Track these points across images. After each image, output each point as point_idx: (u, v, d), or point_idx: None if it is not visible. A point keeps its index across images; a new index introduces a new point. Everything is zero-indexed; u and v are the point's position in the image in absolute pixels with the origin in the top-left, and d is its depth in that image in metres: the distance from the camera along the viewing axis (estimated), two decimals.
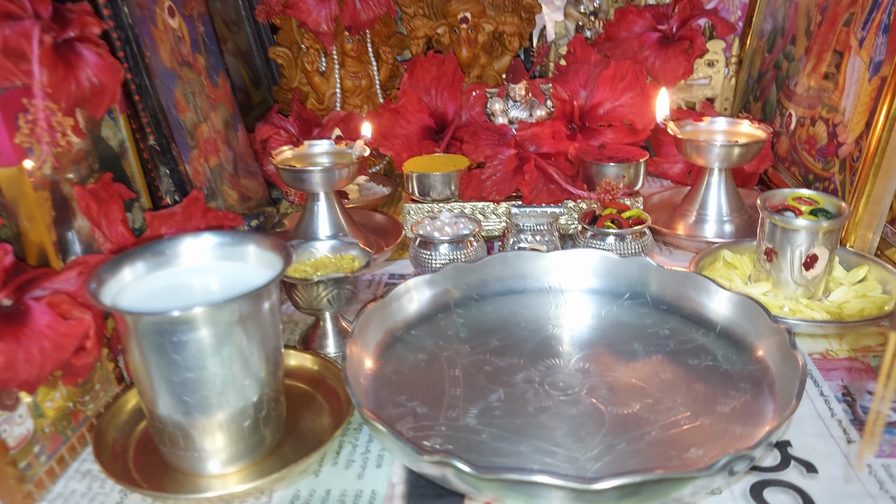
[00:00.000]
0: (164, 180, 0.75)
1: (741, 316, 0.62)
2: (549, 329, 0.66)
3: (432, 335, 0.65)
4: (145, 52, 0.71)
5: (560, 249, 0.78)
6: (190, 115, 0.78)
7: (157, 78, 0.72)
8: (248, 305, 0.48)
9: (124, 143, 0.71)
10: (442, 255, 0.76)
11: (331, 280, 0.62)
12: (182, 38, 0.80)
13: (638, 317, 0.67)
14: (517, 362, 0.61)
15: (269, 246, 0.54)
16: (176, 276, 0.53)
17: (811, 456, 0.52)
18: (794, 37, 0.98)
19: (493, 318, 0.68)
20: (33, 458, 0.50)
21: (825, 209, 0.69)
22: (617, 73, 0.95)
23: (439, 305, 0.68)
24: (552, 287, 0.71)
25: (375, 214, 0.92)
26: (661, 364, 0.60)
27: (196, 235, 0.55)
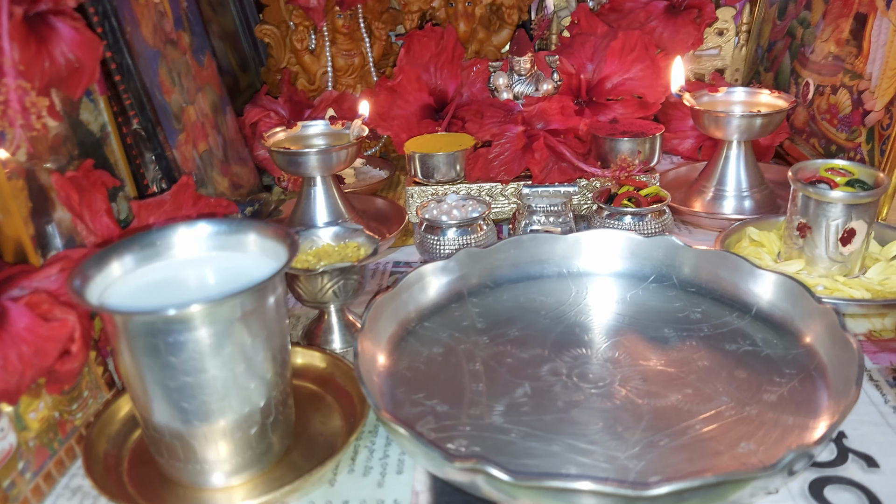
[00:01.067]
0: (149, 167, 0.70)
1: (780, 297, 0.58)
2: (571, 316, 0.61)
3: (447, 326, 0.60)
4: (126, 28, 0.65)
5: (575, 231, 0.74)
6: (176, 97, 0.73)
7: (139, 56, 0.67)
8: (251, 301, 0.43)
9: (106, 128, 0.65)
10: (450, 241, 0.71)
11: (336, 270, 0.57)
12: (165, 13, 0.74)
13: (666, 300, 0.63)
14: (541, 353, 0.56)
15: (272, 234, 0.49)
16: (169, 269, 0.48)
17: (870, 448, 0.48)
18: (809, 2, 0.93)
19: (510, 306, 0.63)
20: (17, 476, 0.45)
21: (861, 180, 0.65)
22: (625, 45, 0.90)
23: (452, 294, 0.64)
24: (571, 271, 0.66)
25: (375, 199, 0.87)
26: (695, 350, 0.56)
27: (190, 224, 0.50)
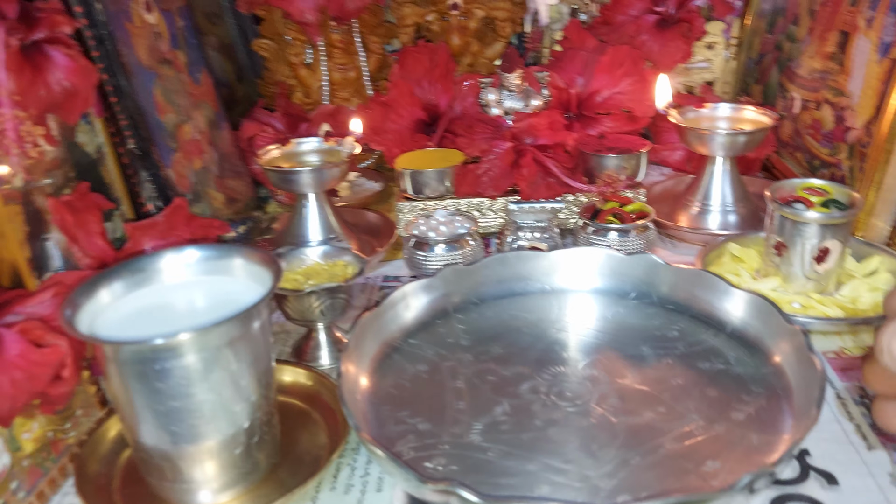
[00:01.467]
0: (145, 186, 0.72)
1: (753, 315, 0.60)
2: (553, 333, 0.63)
3: (432, 343, 0.62)
4: (121, 51, 0.67)
5: (561, 246, 0.75)
6: (171, 116, 0.75)
7: (134, 77, 0.68)
8: (237, 327, 0.45)
9: (102, 149, 0.67)
10: (438, 256, 0.73)
11: (323, 290, 0.59)
12: (160, 34, 0.76)
13: (645, 318, 0.64)
14: (522, 371, 0.58)
15: (258, 259, 0.51)
16: (157, 294, 0.50)
17: (830, 466, 0.50)
18: (796, 16, 0.94)
19: (494, 323, 0.65)
20: (10, 496, 0.47)
21: (837, 200, 0.66)
22: (615, 59, 0.92)
23: (438, 311, 0.65)
24: (554, 288, 0.68)
25: (367, 213, 0.89)
26: (671, 368, 0.58)
27: (178, 250, 0.52)
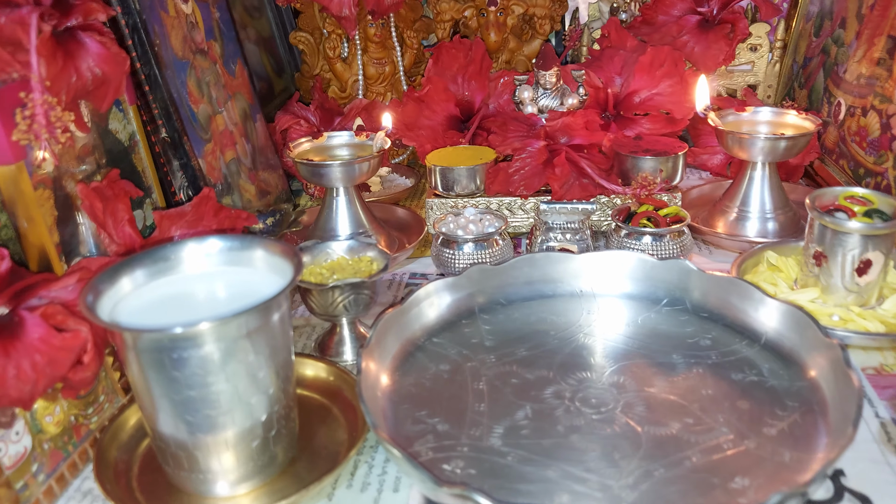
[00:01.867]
0: (177, 175, 0.72)
1: (789, 327, 0.58)
2: (580, 338, 0.62)
3: (456, 343, 0.61)
4: (154, 41, 0.67)
5: (592, 249, 0.74)
6: (204, 107, 0.75)
7: (167, 67, 0.68)
8: (256, 318, 0.44)
9: (134, 136, 0.67)
10: (466, 255, 0.72)
11: (347, 285, 0.59)
12: (195, 24, 0.76)
13: (677, 325, 0.62)
14: (546, 375, 0.57)
15: (279, 251, 0.50)
16: (179, 284, 0.50)
17: (866, 487, 0.48)
18: (843, 19, 0.91)
19: (520, 324, 0.64)
20: (30, 478, 0.47)
21: (880, 210, 0.64)
22: (654, 60, 0.90)
23: (463, 311, 0.64)
24: (584, 291, 0.67)
25: (397, 209, 0.88)
26: (702, 378, 0.56)
27: (200, 240, 0.51)
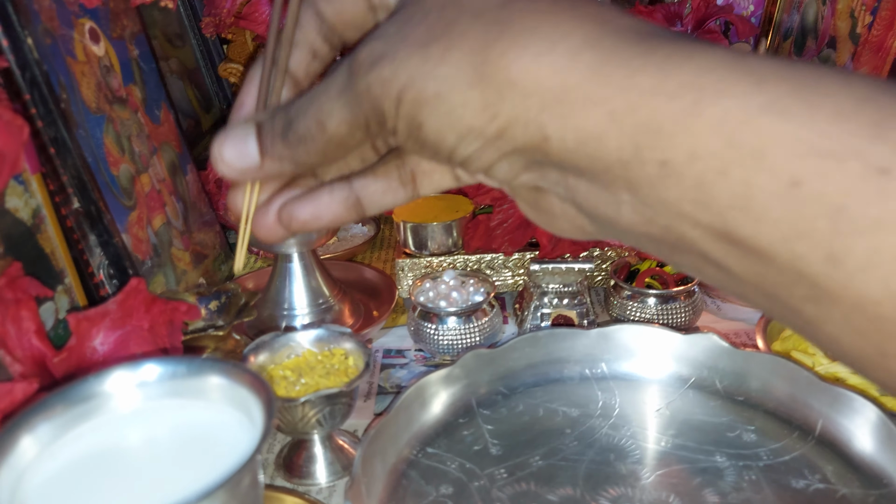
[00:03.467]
0: (94, 252, 0.59)
1: (847, 416, 0.49)
2: (602, 436, 0.51)
3: (455, 453, 0.50)
4: (60, 95, 0.54)
5: (593, 315, 0.64)
6: (126, 167, 0.62)
7: (78, 126, 0.56)
8: (223, 496, 0.33)
9: (40, 212, 0.54)
10: (450, 329, 0.61)
11: (321, 398, 0.47)
12: (111, 67, 0.63)
13: (711, 412, 0.53)
14: (573, 494, 0.47)
15: (240, 379, 0.38)
16: (107, 432, 0.38)
17: None
18: (833, 39, 0.84)
19: (527, 420, 0.53)
20: None
21: None
22: None
23: (459, 408, 0.54)
24: (596, 373, 0.57)
25: (362, 268, 0.77)
26: (757, 488, 0.47)
27: (132, 366, 0.39)
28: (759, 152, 0.20)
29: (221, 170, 0.31)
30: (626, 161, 0.22)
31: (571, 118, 0.23)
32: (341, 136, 0.28)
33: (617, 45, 0.23)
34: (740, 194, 0.21)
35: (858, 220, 0.20)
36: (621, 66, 0.22)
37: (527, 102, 0.23)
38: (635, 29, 0.23)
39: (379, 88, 0.26)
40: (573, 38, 0.23)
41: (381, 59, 0.26)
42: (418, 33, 0.25)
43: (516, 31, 0.24)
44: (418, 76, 0.25)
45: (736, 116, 0.21)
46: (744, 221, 0.21)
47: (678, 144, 0.21)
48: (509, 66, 0.23)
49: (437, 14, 0.25)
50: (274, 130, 0.30)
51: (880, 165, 0.19)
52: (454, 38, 0.25)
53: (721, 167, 0.21)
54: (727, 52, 0.22)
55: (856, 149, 0.20)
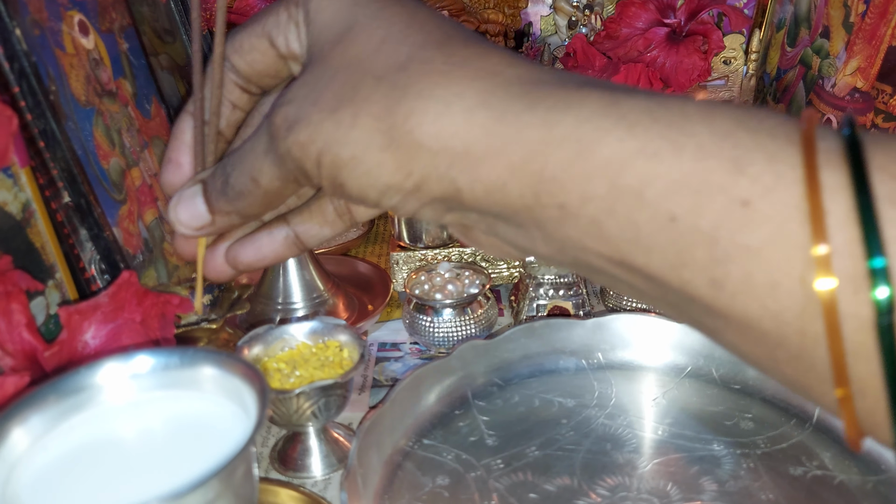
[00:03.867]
0: (85, 246, 0.58)
1: None
2: (599, 426, 0.51)
3: (451, 444, 0.50)
4: (49, 87, 0.53)
5: (588, 306, 0.64)
6: (116, 161, 0.61)
7: (67, 118, 0.55)
8: (219, 484, 0.32)
9: (29, 206, 0.54)
10: (446, 322, 0.61)
11: (316, 390, 0.47)
12: (100, 61, 0.63)
13: (707, 401, 0.53)
14: (570, 483, 0.46)
15: (233, 369, 0.38)
16: (99, 424, 0.37)
17: None
18: (826, 29, 0.84)
19: (523, 412, 0.53)
20: None
21: None
22: (628, 79, 0.81)
23: (455, 400, 0.53)
24: (592, 363, 0.57)
25: (356, 262, 0.76)
26: (755, 476, 0.46)
27: (124, 358, 0.39)
28: (638, 193, 0.23)
29: (181, 231, 0.33)
30: (530, 206, 0.25)
31: (476, 172, 0.25)
32: (275, 189, 0.30)
33: (506, 102, 0.25)
34: (629, 230, 0.23)
35: (730, 249, 0.22)
36: (512, 123, 0.25)
37: (435, 161, 0.26)
38: (522, 80, 0.25)
39: (299, 152, 0.28)
40: (467, 98, 0.25)
41: (297, 124, 0.28)
42: (327, 97, 0.27)
43: (415, 94, 0.26)
44: (333, 141, 0.27)
45: (614, 162, 0.23)
46: (636, 253, 0.24)
47: (570, 190, 0.24)
48: (413, 129, 0.26)
49: (343, 77, 0.27)
50: (216, 189, 0.32)
51: (742, 198, 0.21)
52: (360, 103, 0.27)
53: (609, 208, 0.23)
54: (601, 98, 0.24)
55: (719, 184, 0.22)
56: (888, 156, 0.21)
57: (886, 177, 0.20)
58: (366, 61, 0.27)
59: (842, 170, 0.21)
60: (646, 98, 0.24)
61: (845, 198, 0.20)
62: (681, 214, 0.22)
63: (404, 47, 0.27)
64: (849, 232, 0.20)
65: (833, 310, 0.20)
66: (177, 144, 0.34)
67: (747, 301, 0.22)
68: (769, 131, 0.22)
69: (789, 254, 0.21)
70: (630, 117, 0.23)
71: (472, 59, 0.26)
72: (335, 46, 0.28)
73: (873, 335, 0.20)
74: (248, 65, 0.32)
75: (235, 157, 0.31)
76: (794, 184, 0.21)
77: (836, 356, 0.21)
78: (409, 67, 0.26)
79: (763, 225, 0.21)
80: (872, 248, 0.20)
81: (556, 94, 0.25)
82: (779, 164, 0.21)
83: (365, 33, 0.28)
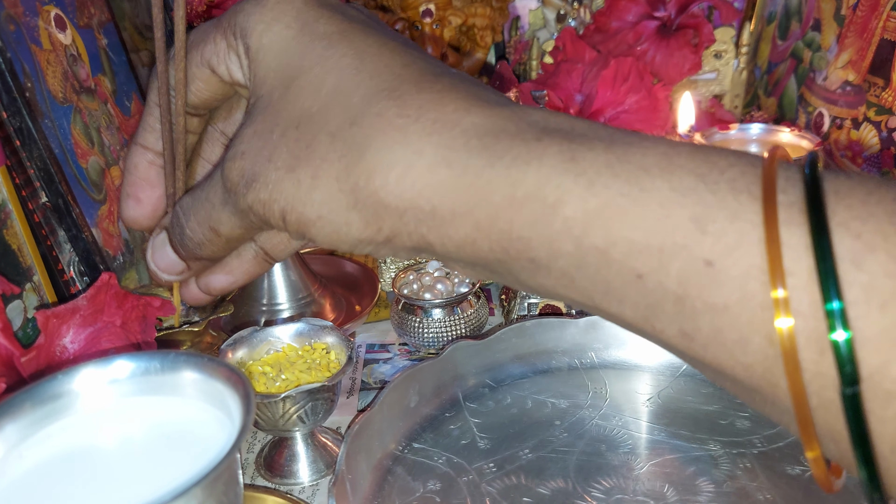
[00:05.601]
0: (64, 248, 0.57)
1: None
2: (593, 427, 0.50)
3: (442, 447, 0.49)
4: (25, 84, 0.52)
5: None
6: (95, 159, 0.60)
7: (44, 116, 0.53)
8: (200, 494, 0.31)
9: (6, 206, 0.52)
10: (435, 322, 0.60)
11: (302, 393, 0.45)
12: (78, 56, 0.61)
13: (702, 400, 0.52)
14: (565, 486, 0.45)
15: (216, 373, 0.37)
16: (77, 432, 0.36)
17: None
18: (817, 21, 0.84)
19: (515, 414, 0.52)
20: None
21: None
22: (618, 73, 0.80)
23: (445, 402, 0.52)
24: (585, 363, 0.56)
25: (341, 262, 0.75)
26: (752, 475, 0.45)
27: (102, 363, 0.37)
28: (603, 253, 0.23)
29: (164, 279, 0.34)
30: (502, 259, 0.25)
31: (444, 230, 0.25)
32: (237, 236, 0.30)
33: (466, 158, 0.24)
34: (599, 283, 0.24)
35: (697, 306, 0.22)
36: (474, 182, 0.24)
37: (403, 219, 0.25)
38: (480, 131, 0.25)
39: (261, 209, 0.27)
40: (426, 156, 0.25)
41: (254, 182, 0.27)
42: (282, 154, 0.27)
43: (373, 154, 0.25)
44: (296, 201, 0.26)
45: (578, 222, 0.23)
46: (608, 302, 0.24)
47: (537, 247, 0.24)
48: (377, 191, 0.25)
49: (294, 133, 0.27)
50: (177, 240, 0.32)
51: (705, 258, 0.21)
52: (318, 163, 0.26)
53: (578, 263, 0.24)
54: (559, 153, 0.24)
55: (682, 243, 0.22)
56: (850, 210, 0.21)
57: (847, 235, 0.20)
58: (317, 115, 0.27)
59: (803, 228, 0.21)
60: (604, 150, 0.24)
61: (806, 258, 0.20)
62: (647, 273, 0.22)
63: (355, 98, 0.26)
64: (811, 293, 0.20)
65: (796, 373, 0.20)
66: (133, 180, 0.34)
67: (718, 353, 0.22)
68: (730, 184, 0.22)
69: (755, 314, 0.21)
70: (589, 174, 0.23)
71: (427, 108, 0.25)
72: (284, 95, 0.28)
73: (838, 393, 0.20)
74: (194, 94, 0.32)
75: (190, 205, 0.31)
76: (756, 243, 0.21)
77: (803, 422, 0.21)
78: (362, 122, 0.26)
79: (727, 284, 0.21)
80: (833, 317, 0.20)
81: (515, 147, 0.24)
82: (740, 222, 0.21)
83: (313, 84, 0.27)
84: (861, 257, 0.20)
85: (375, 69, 0.27)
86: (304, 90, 0.27)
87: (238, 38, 0.29)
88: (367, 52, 0.27)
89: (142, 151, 0.33)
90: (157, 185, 0.34)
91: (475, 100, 0.26)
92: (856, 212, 0.21)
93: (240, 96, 0.33)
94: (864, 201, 0.21)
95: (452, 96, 0.26)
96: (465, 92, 0.26)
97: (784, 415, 0.22)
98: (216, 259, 0.33)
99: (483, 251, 0.25)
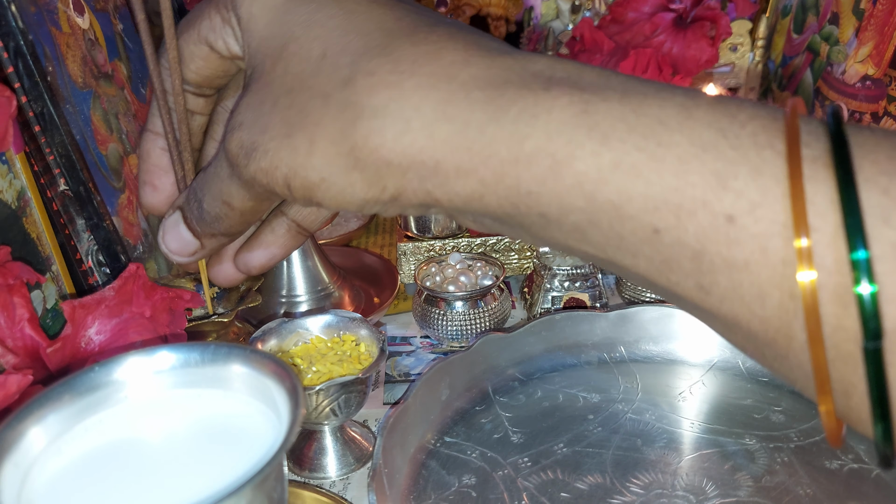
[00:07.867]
0: (82, 237, 0.55)
1: None
2: (627, 422, 0.50)
3: (475, 441, 0.48)
4: (46, 67, 0.51)
5: (605, 298, 0.62)
6: (114, 146, 0.58)
7: (65, 101, 0.52)
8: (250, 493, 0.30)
9: (24, 194, 0.51)
10: (458, 314, 0.59)
11: (336, 386, 0.45)
12: (95, 41, 0.60)
13: (736, 394, 0.52)
14: (603, 482, 0.45)
15: (262, 367, 0.36)
16: (118, 425, 0.35)
17: None
18: (835, 15, 0.83)
19: (548, 408, 0.51)
20: None
21: None
22: (637, 64, 0.79)
23: (475, 395, 0.52)
24: (615, 357, 0.55)
25: (361, 254, 0.74)
26: (791, 471, 0.45)
27: (145, 353, 0.36)
28: (617, 208, 0.22)
29: (176, 260, 0.33)
30: (511, 214, 0.24)
31: (450, 186, 0.24)
32: (250, 208, 0.30)
33: (468, 113, 0.24)
34: (613, 238, 0.23)
35: (716, 261, 0.21)
36: (477, 138, 0.23)
37: (407, 176, 0.25)
38: (480, 83, 0.24)
39: (264, 178, 0.27)
40: (425, 112, 0.24)
41: (254, 152, 0.27)
42: (276, 123, 0.26)
43: (369, 113, 0.24)
44: (297, 167, 0.26)
45: (591, 178, 0.22)
46: (622, 256, 0.23)
47: (548, 203, 0.23)
48: (376, 150, 0.25)
49: (287, 101, 0.26)
50: (194, 216, 0.31)
51: (727, 213, 0.21)
52: (312, 127, 0.26)
53: (590, 219, 0.23)
54: (570, 104, 0.23)
55: (702, 199, 0.21)
56: (877, 165, 0.20)
57: (875, 191, 0.20)
58: (308, 79, 0.26)
59: (828, 183, 0.20)
60: (619, 101, 0.23)
61: (833, 213, 0.20)
62: (664, 228, 0.22)
63: (345, 58, 0.25)
64: (836, 249, 0.20)
65: (817, 326, 0.20)
66: (147, 167, 0.34)
67: (735, 307, 0.22)
68: (752, 139, 0.21)
69: (776, 269, 0.21)
70: (603, 127, 0.22)
71: (422, 62, 0.25)
72: (275, 64, 0.27)
73: (860, 348, 0.20)
74: (195, 73, 0.31)
75: (203, 181, 0.30)
76: (780, 199, 0.20)
77: (820, 375, 0.21)
78: (354, 82, 0.25)
79: (749, 241, 0.21)
80: (859, 270, 0.19)
81: (521, 99, 0.23)
82: (763, 177, 0.21)
83: (303, 48, 0.26)
84: (889, 213, 0.20)
85: (365, 28, 0.26)
86: (294, 56, 0.27)
87: (230, 10, 0.29)
88: (356, 12, 0.26)
89: (153, 138, 0.33)
90: (171, 171, 0.34)
91: (475, 48, 0.25)
92: (882, 167, 0.20)
93: (244, 72, 0.33)
94: (890, 156, 0.20)
95: (450, 47, 0.25)
96: (464, 41, 0.25)
97: (794, 370, 0.22)
98: (234, 235, 0.32)
99: (492, 206, 0.25)
